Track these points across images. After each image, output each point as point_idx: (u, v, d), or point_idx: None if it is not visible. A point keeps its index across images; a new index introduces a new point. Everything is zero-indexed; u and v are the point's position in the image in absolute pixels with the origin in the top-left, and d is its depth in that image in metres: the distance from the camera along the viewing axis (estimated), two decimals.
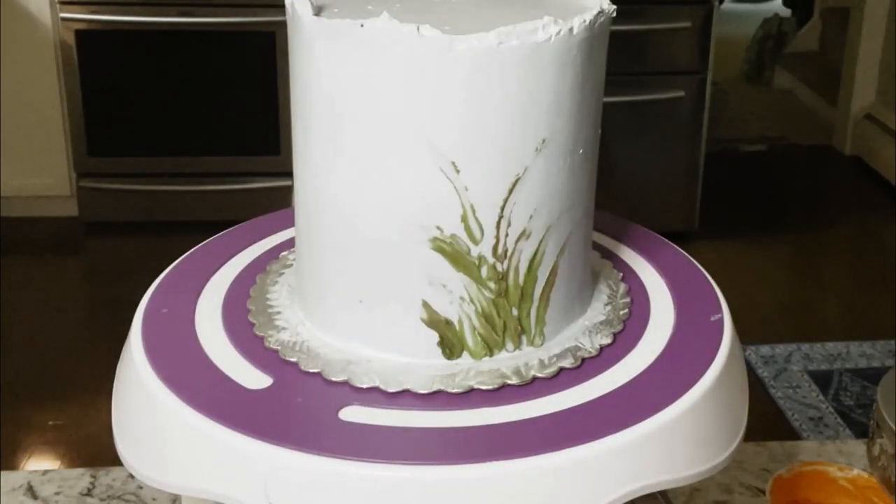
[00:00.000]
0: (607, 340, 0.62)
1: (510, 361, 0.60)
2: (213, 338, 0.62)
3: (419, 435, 0.54)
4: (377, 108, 0.55)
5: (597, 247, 0.71)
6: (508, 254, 0.58)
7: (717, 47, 3.01)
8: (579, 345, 0.61)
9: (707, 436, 0.58)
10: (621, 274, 0.70)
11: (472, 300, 0.58)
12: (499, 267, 0.58)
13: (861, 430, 2.21)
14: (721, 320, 0.64)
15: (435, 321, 0.58)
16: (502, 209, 0.57)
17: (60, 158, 3.06)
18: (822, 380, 2.47)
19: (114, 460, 0.65)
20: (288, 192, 2.94)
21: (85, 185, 3.06)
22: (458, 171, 0.55)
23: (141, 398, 0.59)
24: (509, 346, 0.60)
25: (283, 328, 0.63)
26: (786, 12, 5.17)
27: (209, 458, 0.55)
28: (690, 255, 0.73)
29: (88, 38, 2.92)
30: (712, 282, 0.69)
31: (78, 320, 2.73)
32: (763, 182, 3.75)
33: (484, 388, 0.57)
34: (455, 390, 0.57)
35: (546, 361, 0.60)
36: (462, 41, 0.53)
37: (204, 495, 0.55)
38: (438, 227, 0.56)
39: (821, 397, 2.40)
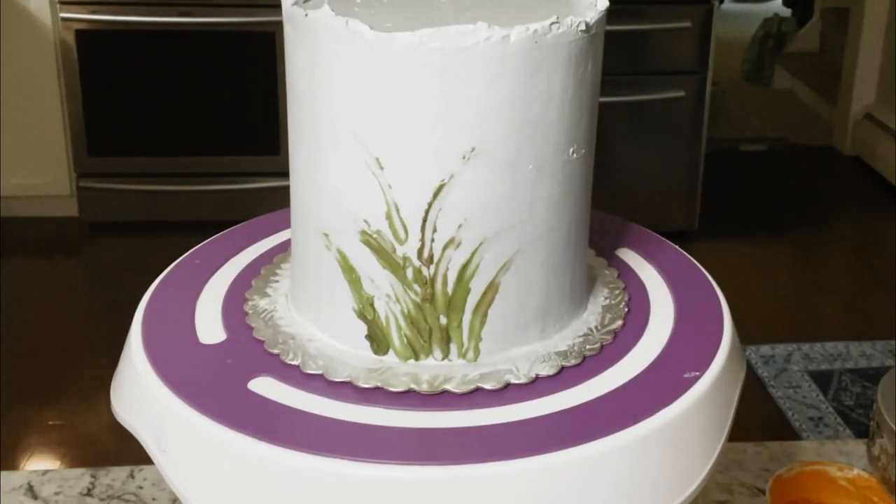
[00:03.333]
0: (548, 372, 0.59)
1: (432, 369, 0.59)
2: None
3: (320, 422, 0.55)
4: (316, 99, 0.57)
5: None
6: (435, 260, 0.58)
7: (717, 47, 3.01)
8: (513, 368, 0.59)
9: (698, 441, 0.58)
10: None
11: (398, 300, 0.59)
12: (425, 271, 0.58)
13: (861, 430, 2.21)
14: (695, 378, 0.59)
15: (363, 314, 0.60)
16: (427, 213, 0.56)
17: (60, 158, 3.06)
18: (822, 380, 2.47)
19: (114, 460, 0.65)
20: (288, 192, 2.94)
21: (85, 185, 3.06)
22: (381, 168, 0.56)
23: (141, 398, 0.59)
24: (437, 353, 0.60)
25: (271, 311, 0.65)
26: (786, 12, 5.17)
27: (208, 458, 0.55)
28: (690, 255, 0.73)
29: (88, 38, 2.92)
30: (712, 282, 0.69)
31: (78, 320, 2.73)
32: (763, 182, 3.75)
33: (390, 389, 0.57)
34: (363, 385, 0.57)
35: (468, 377, 0.58)
36: (385, 39, 0.53)
37: (204, 494, 0.55)
38: (366, 221, 0.57)
39: (821, 397, 2.40)
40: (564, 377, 0.59)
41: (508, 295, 0.59)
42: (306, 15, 0.55)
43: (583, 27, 0.55)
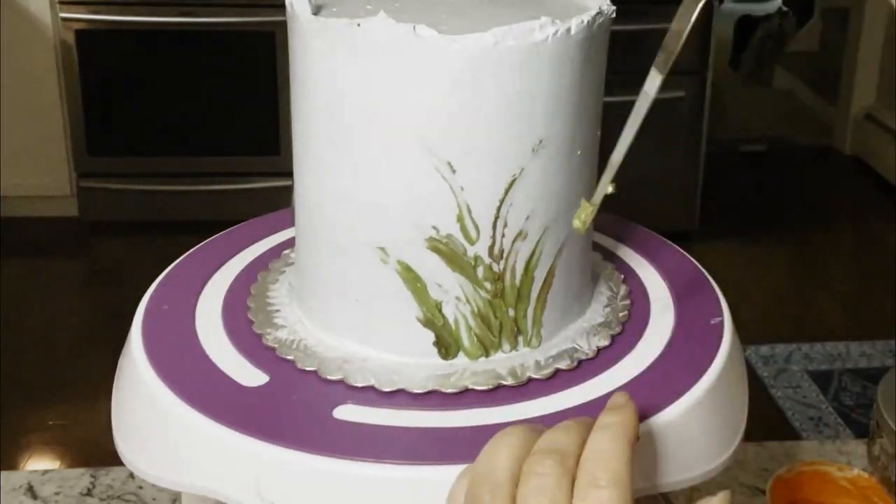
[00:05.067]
0: (605, 342, 0.62)
1: (506, 362, 0.59)
2: (212, 337, 0.62)
3: (412, 435, 0.54)
4: (373, 107, 0.55)
5: (597, 247, 0.71)
6: (505, 254, 0.58)
7: (717, 47, 3.01)
8: (576, 346, 0.61)
9: (705, 438, 0.58)
10: (622, 276, 0.70)
11: (467, 300, 0.58)
12: (495, 267, 0.58)
13: (861, 430, 2.21)
14: (721, 323, 0.64)
15: (430, 321, 0.58)
16: (498, 210, 0.57)
17: (60, 158, 3.06)
18: (822, 380, 2.47)
19: (114, 460, 0.65)
20: (288, 192, 2.93)
21: (85, 185, 3.06)
22: (453, 172, 0.55)
23: (141, 397, 0.59)
24: (506, 346, 0.60)
25: (282, 326, 0.63)
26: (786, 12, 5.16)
27: (206, 456, 0.55)
28: (690, 255, 0.73)
29: (88, 38, 2.92)
30: (712, 282, 0.69)
31: (78, 320, 2.73)
32: (763, 182, 3.75)
33: (479, 388, 0.57)
34: (450, 390, 0.57)
35: (542, 363, 0.59)
36: (457, 41, 0.53)
37: (202, 493, 0.55)
38: (434, 227, 0.56)
39: (821, 397, 2.40)
40: (558, 379, 0.59)
41: (561, 278, 0.61)
42: (359, 25, 0.53)
43: (614, 14, 0.59)
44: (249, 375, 0.59)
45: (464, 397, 0.57)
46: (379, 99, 0.55)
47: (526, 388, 0.58)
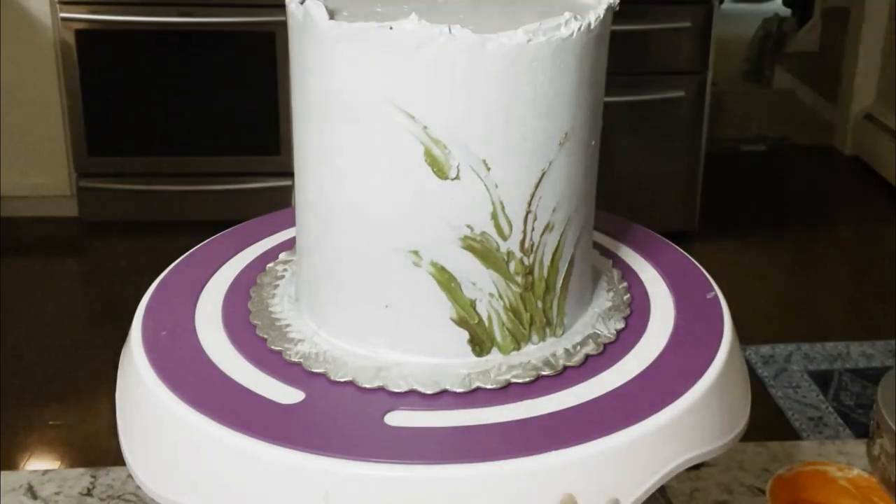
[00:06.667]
0: (620, 325, 0.64)
1: (538, 353, 0.61)
2: (212, 336, 0.62)
3: (467, 432, 0.54)
4: (406, 110, 0.54)
5: (596, 246, 0.71)
6: (534, 247, 0.59)
7: (717, 47, 3.01)
8: (597, 331, 0.63)
9: (705, 438, 0.58)
10: (620, 271, 0.70)
11: (500, 296, 0.59)
12: (525, 261, 0.59)
13: (861, 430, 2.21)
14: (716, 297, 0.67)
15: (465, 320, 0.59)
16: (529, 204, 0.57)
17: (60, 158, 3.06)
18: (822, 380, 2.47)
19: (114, 460, 0.65)
20: (288, 192, 2.94)
21: (85, 185, 3.05)
22: (488, 169, 0.56)
23: (141, 398, 0.59)
24: (534, 338, 0.61)
25: (300, 340, 0.62)
26: (786, 12, 5.16)
27: (261, 480, 0.53)
28: (690, 255, 0.73)
29: (88, 38, 2.92)
30: (712, 282, 0.69)
31: (78, 320, 2.73)
32: (763, 182, 3.75)
33: (520, 381, 0.58)
34: (492, 386, 0.57)
35: (571, 350, 0.61)
36: (493, 40, 0.53)
37: None
38: (469, 226, 0.57)
39: (821, 397, 2.40)
40: (588, 366, 0.60)
41: (579, 266, 0.63)
42: (391, 28, 0.53)
43: (616, 7, 0.60)
44: (282, 393, 0.57)
45: (507, 392, 0.57)
46: (413, 101, 0.54)
47: (563, 377, 0.59)
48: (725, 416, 0.60)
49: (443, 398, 0.57)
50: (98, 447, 2.10)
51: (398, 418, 0.55)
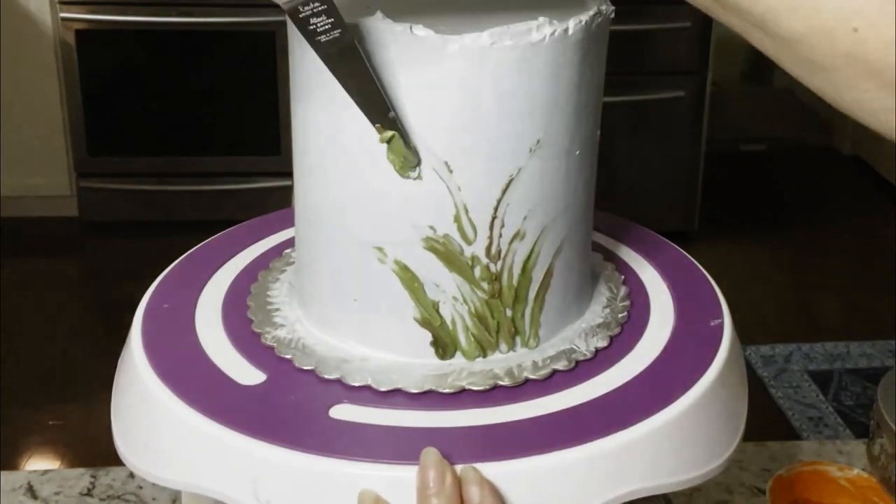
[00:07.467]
0: (603, 343, 0.62)
1: (503, 363, 0.59)
2: (212, 336, 0.62)
3: (408, 434, 0.54)
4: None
5: (597, 247, 0.71)
6: (502, 254, 0.58)
7: (716, 47, 3.01)
8: (574, 347, 0.61)
9: (705, 438, 0.58)
10: (622, 276, 0.70)
11: (465, 300, 0.58)
12: (492, 268, 0.58)
13: (861, 430, 2.21)
14: (721, 325, 0.64)
15: (428, 321, 0.59)
16: (496, 209, 0.57)
17: (60, 158, 3.06)
18: (822, 380, 2.47)
19: (114, 460, 0.65)
20: (288, 192, 2.94)
21: (85, 185, 3.05)
22: (451, 172, 0.55)
23: (140, 396, 0.59)
24: (503, 346, 0.60)
25: (281, 325, 0.63)
26: None
27: (203, 455, 0.55)
28: (690, 255, 0.73)
29: (88, 38, 2.92)
30: (712, 282, 0.69)
31: (78, 320, 2.73)
32: (763, 182, 3.75)
33: (475, 388, 0.57)
34: (446, 390, 0.57)
35: (539, 363, 0.59)
36: (455, 41, 0.53)
37: (200, 492, 0.55)
38: (431, 227, 0.56)
39: (821, 397, 2.40)
40: (555, 380, 0.59)
41: (559, 278, 0.61)
42: (356, 25, 0.53)
43: (612, 14, 0.58)
44: (247, 374, 0.58)
45: (460, 398, 0.57)
46: None
47: (523, 389, 0.58)
48: (724, 421, 0.60)
49: (395, 397, 0.57)
50: (98, 447, 2.10)
51: (342, 412, 0.55)
